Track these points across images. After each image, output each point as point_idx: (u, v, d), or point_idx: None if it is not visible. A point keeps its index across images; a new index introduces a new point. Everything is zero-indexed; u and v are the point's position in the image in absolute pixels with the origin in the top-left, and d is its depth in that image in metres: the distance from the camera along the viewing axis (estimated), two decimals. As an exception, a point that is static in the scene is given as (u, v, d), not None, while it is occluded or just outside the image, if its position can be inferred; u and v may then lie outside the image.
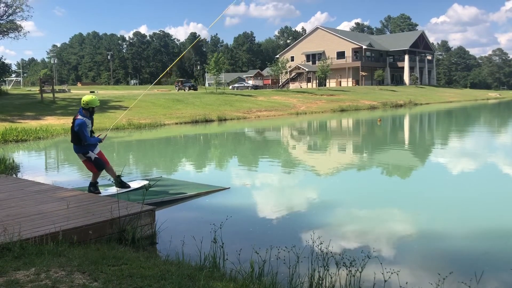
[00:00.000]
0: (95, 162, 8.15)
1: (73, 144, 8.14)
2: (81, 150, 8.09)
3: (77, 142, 8.04)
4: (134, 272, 4.18)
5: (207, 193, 8.98)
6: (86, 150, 8.08)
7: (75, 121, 7.90)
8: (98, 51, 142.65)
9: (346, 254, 4.80)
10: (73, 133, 7.97)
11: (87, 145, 8.06)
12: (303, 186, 10.24)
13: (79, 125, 7.82)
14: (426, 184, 10.35)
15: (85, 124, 7.89)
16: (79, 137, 7.91)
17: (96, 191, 8.22)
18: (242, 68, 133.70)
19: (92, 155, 8.13)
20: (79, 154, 8.20)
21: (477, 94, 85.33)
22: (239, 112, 36.49)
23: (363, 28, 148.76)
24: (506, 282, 4.78)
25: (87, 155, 8.10)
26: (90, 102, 8.03)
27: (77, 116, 7.96)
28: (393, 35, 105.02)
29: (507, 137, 21.22)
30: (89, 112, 8.09)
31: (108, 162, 8.49)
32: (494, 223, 6.94)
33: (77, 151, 8.19)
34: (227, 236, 5.62)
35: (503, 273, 4.97)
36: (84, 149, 8.06)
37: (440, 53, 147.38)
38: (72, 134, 8.02)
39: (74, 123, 7.90)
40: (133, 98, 37.86)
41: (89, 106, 8.05)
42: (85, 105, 8.02)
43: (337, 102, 48.00)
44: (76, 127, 7.86)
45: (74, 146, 8.15)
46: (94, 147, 8.20)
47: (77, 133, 7.88)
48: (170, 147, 19.58)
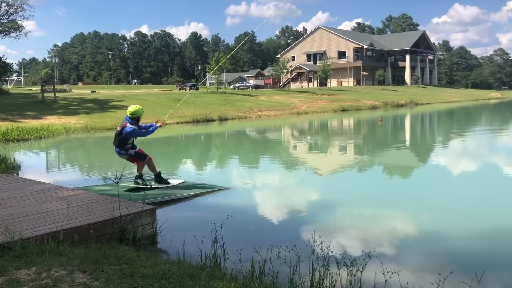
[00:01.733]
0: (136, 155, 9.10)
1: (115, 147, 9.04)
2: (123, 151, 9.02)
3: (121, 146, 8.95)
4: (135, 271, 4.19)
5: (208, 192, 8.98)
6: (127, 151, 9.05)
7: (124, 129, 8.75)
8: (99, 50, 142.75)
9: (347, 253, 4.80)
10: (120, 138, 8.86)
11: (130, 147, 9.02)
12: (304, 185, 10.24)
13: (129, 133, 8.77)
14: (427, 184, 10.34)
15: (135, 131, 8.82)
16: (125, 141, 8.88)
17: (143, 183, 9.03)
18: (243, 68, 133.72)
19: (132, 152, 9.08)
20: (122, 155, 9.10)
21: (479, 94, 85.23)
22: (240, 111, 36.50)
23: (364, 28, 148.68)
24: (507, 282, 4.78)
25: (128, 152, 9.06)
26: (135, 112, 8.87)
27: (126, 125, 8.78)
28: (394, 35, 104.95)
29: (508, 137, 21.20)
30: (135, 120, 8.93)
31: (150, 157, 9.34)
32: (495, 223, 6.93)
33: (119, 153, 9.08)
34: (228, 235, 5.63)
35: (504, 273, 4.97)
36: (126, 150, 9.02)
37: (441, 53, 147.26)
38: (118, 139, 8.90)
39: (123, 130, 8.76)
40: (134, 97, 37.89)
41: (134, 116, 8.88)
42: (131, 115, 8.86)
43: (338, 102, 47.99)
44: (127, 134, 8.77)
45: (116, 149, 9.03)
46: (134, 149, 9.13)
47: (125, 138, 8.82)
48: (171, 146, 19.59)
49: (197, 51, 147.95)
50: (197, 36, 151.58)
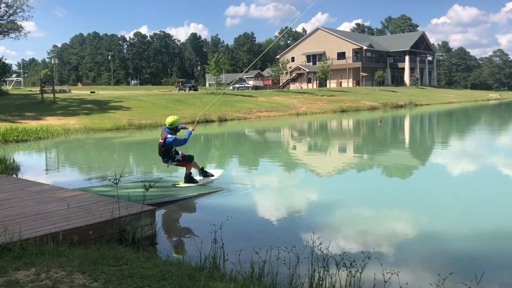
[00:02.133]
0: (184, 159, 9.76)
1: (162, 158, 9.63)
2: (170, 159, 9.63)
3: (166, 155, 9.57)
4: (134, 272, 4.18)
5: (207, 193, 8.98)
6: (174, 158, 9.63)
7: (167, 140, 9.32)
8: (99, 51, 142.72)
9: (346, 254, 4.81)
10: (164, 149, 9.45)
11: (174, 154, 9.60)
12: (303, 186, 10.24)
13: (171, 142, 9.35)
14: (426, 184, 10.34)
15: (176, 140, 9.35)
16: (168, 151, 9.48)
17: (194, 181, 9.70)
18: (242, 69, 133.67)
19: (179, 157, 9.69)
20: (170, 163, 9.71)
21: (478, 95, 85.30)
22: (239, 112, 36.50)
23: (363, 29, 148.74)
24: (507, 283, 4.78)
25: (176, 159, 9.66)
26: (173, 123, 9.49)
27: (167, 136, 9.35)
28: (394, 36, 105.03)
29: (508, 138, 21.21)
30: (174, 130, 9.50)
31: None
32: (494, 224, 6.94)
33: (167, 162, 9.70)
34: (227, 236, 5.63)
35: (503, 274, 4.97)
36: (173, 158, 9.62)
37: (440, 54, 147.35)
38: (162, 150, 9.49)
39: (165, 141, 9.31)
40: (134, 98, 37.88)
41: (173, 126, 9.47)
42: (169, 126, 9.44)
43: (338, 102, 48.01)
44: (170, 143, 9.35)
45: (163, 159, 9.63)
46: (178, 154, 9.71)
47: (169, 148, 9.43)
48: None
49: (197, 52, 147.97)
50: (196, 37, 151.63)
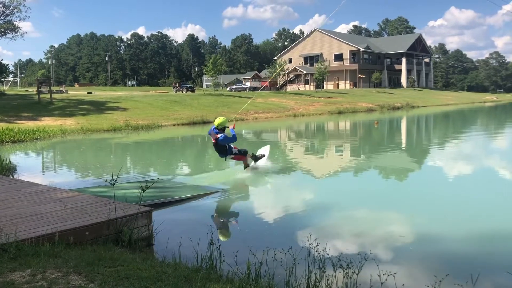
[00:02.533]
0: (240, 153, 10.99)
1: (219, 154, 10.82)
2: (227, 154, 10.79)
3: (223, 151, 10.76)
4: (130, 273, 4.18)
5: (204, 195, 8.97)
6: (231, 153, 10.81)
7: (218, 139, 10.41)
8: (96, 52, 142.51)
9: (342, 256, 4.80)
10: (219, 146, 10.59)
11: (229, 149, 10.69)
12: (300, 187, 10.24)
13: (223, 140, 10.48)
14: (423, 186, 10.37)
15: (226, 138, 10.44)
16: (223, 147, 10.60)
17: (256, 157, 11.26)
18: (239, 70, 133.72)
19: (235, 151, 10.89)
20: (228, 158, 10.95)
21: (474, 97, 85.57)
22: (236, 113, 36.48)
23: (360, 31, 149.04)
24: (502, 284, 4.79)
25: (233, 153, 10.88)
26: (221, 123, 10.59)
27: (217, 135, 10.45)
28: (391, 38, 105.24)
29: (504, 140, 21.29)
30: (222, 130, 10.57)
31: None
32: (490, 226, 6.96)
33: (224, 156, 10.88)
34: (223, 237, 5.62)
35: (498, 275, 4.98)
36: (230, 152, 10.79)
37: (437, 56, 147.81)
38: (218, 148, 10.67)
39: (218, 140, 10.40)
40: (131, 99, 37.83)
41: (221, 126, 10.54)
42: (218, 126, 10.55)
43: (335, 104, 48.07)
44: (222, 142, 10.46)
45: (220, 155, 10.83)
46: (233, 149, 10.86)
47: (221, 145, 10.55)
48: (168, 148, 19.56)
49: (194, 53, 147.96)
50: (194, 38, 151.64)
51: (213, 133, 10.50)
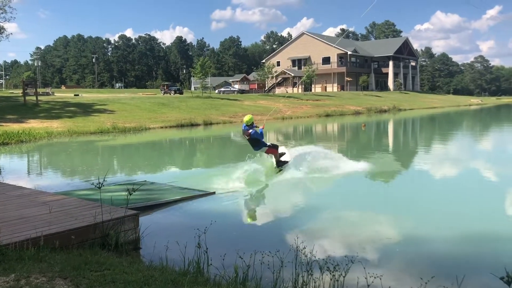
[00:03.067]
0: (272, 146, 12.07)
1: (253, 147, 11.92)
2: (261, 147, 11.88)
3: (257, 145, 11.86)
4: (117, 277, 4.14)
5: (191, 197, 8.94)
6: (265, 145, 11.92)
7: (251, 134, 11.61)
8: (83, 54, 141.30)
9: (330, 258, 4.83)
10: (252, 141, 11.77)
11: (262, 143, 11.82)
12: (287, 190, 10.25)
13: (254, 135, 11.62)
14: (409, 189, 10.46)
15: (256, 133, 11.61)
16: (257, 140, 11.72)
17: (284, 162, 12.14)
18: (228, 73, 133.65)
19: (269, 144, 12.06)
20: (262, 150, 11.98)
21: (460, 100, 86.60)
22: (225, 116, 36.46)
23: (348, 34, 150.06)
24: (486, 286, 4.85)
25: (268, 145, 11.97)
26: (249, 120, 11.88)
27: (249, 131, 11.65)
28: (378, 41, 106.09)
29: (489, 143, 21.57)
30: (250, 126, 11.77)
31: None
32: (475, 228, 7.04)
33: (258, 149, 11.96)
34: (211, 241, 5.60)
35: (483, 277, 5.04)
36: (264, 145, 11.90)
37: (423, 60, 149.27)
38: (252, 142, 11.84)
39: (250, 135, 11.62)
40: (118, 101, 37.57)
41: (249, 123, 11.82)
42: (247, 123, 11.85)
43: (323, 107, 48.28)
44: (254, 135, 11.61)
45: (254, 148, 11.92)
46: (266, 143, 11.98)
47: (255, 139, 11.68)
48: (155, 151, 19.47)
49: (182, 55, 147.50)
50: (182, 40, 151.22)
51: (245, 130, 11.84)
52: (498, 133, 27.70)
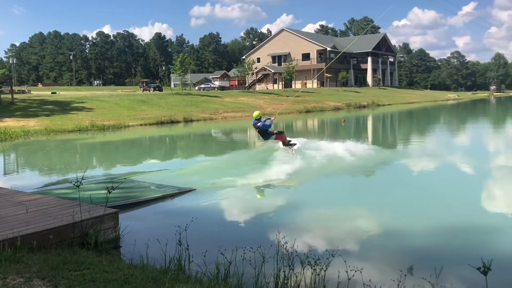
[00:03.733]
0: (278, 133, 14.18)
1: (263, 138, 14.03)
2: (270, 136, 13.93)
3: (265, 136, 13.88)
4: (96, 276, 4.10)
5: (172, 195, 8.89)
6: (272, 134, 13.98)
7: (260, 127, 13.60)
8: (60, 51, 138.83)
9: (311, 253, 4.85)
10: (261, 133, 13.88)
11: (270, 133, 13.84)
12: (268, 186, 10.27)
13: (263, 127, 13.62)
14: (388, 183, 10.59)
15: (265, 125, 13.56)
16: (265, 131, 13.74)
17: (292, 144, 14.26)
18: (208, 69, 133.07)
19: (276, 131, 14.19)
20: (271, 139, 14.12)
21: (437, 95, 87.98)
22: (205, 113, 36.32)
23: (327, 30, 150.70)
24: (463, 276, 4.95)
25: (274, 133, 14.02)
26: (257, 115, 13.85)
27: (257, 124, 13.65)
28: (357, 38, 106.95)
29: (466, 137, 21.98)
30: (259, 120, 13.65)
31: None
32: (452, 220, 7.18)
33: (267, 139, 14.10)
34: (192, 238, 5.57)
35: (461, 268, 5.14)
36: (272, 134, 13.96)
37: (401, 55, 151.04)
38: (261, 134, 13.97)
39: (259, 128, 13.61)
40: (96, 99, 37.06)
41: (258, 117, 13.76)
42: (256, 118, 13.78)
43: (303, 103, 48.47)
44: (263, 128, 13.63)
45: (263, 138, 14.02)
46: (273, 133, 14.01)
47: (263, 131, 13.72)
48: (135, 148, 19.28)
49: (161, 52, 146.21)
50: (161, 37, 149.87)
51: (254, 124, 13.79)
52: (475, 127, 28.25)
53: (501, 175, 11.32)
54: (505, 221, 7.16)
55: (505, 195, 9.07)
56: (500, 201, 8.58)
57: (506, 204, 8.32)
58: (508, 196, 9.06)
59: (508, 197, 8.98)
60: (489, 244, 6.08)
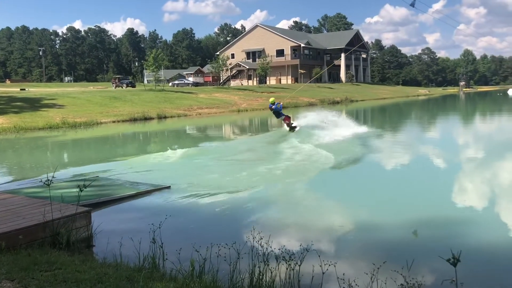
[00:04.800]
0: (287, 116, 19.18)
1: (276, 117, 19.42)
2: (281, 116, 19.04)
3: (278, 116, 19.14)
4: (68, 276, 4.03)
5: (146, 192, 8.80)
6: (283, 115, 19.08)
7: (274, 108, 18.98)
8: (29, 46, 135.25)
9: (285, 248, 4.88)
10: (274, 113, 19.28)
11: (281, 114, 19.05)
12: (242, 182, 10.25)
13: (276, 109, 18.95)
14: (360, 178, 10.73)
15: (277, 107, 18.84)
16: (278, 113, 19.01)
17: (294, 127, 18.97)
18: (182, 65, 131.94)
19: (284, 115, 19.21)
20: (281, 118, 19.22)
21: (408, 91, 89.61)
22: (179, 109, 36.02)
23: (301, 27, 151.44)
24: (434, 268, 5.07)
25: (283, 116, 19.04)
26: (273, 101, 19.26)
27: (272, 107, 19.09)
28: (330, 34, 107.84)
29: (436, 131, 22.46)
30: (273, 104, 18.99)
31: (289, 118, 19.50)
32: (423, 214, 7.33)
33: (279, 118, 19.24)
34: (167, 235, 5.54)
35: (431, 260, 5.26)
36: (282, 115, 19.05)
37: (374, 52, 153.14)
38: (274, 114, 19.32)
39: (274, 110, 19.03)
40: (68, 95, 36.30)
41: (273, 102, 19.11)
42: (271, 102, 19.18)
43: (277, 99, 48.61)
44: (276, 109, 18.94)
45: (277, 117, 19.30)
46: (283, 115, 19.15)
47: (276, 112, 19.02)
48: (108, 146, 18.99)
49: (134, 48, 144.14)
50: (133, 32, 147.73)
51: (269, 107, 19.32)
52: (445, 122, 28.90)
53: (470, 168, 11.62)
54: (473, 213, 7.36)
55: (474, 188, 9.32)
56: (470, 194, 8.81)
57: (475, 197, 8.55)
58: (477, 188, 9.32)
59: (477, 189, 9.23)
60: (459, 236, 6.25)
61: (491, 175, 10.73)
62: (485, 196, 8.57)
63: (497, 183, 9.91)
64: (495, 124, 26.09)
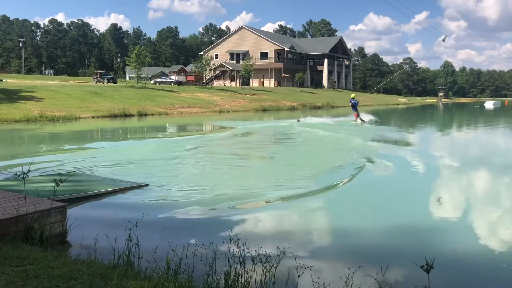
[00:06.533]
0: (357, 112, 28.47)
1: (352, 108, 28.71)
2: (354, 110, 28.32)
3: (354, 109, 28.39)
4: (40, 272, 3.95)
5: (123, 189, 8.70)
6: (356, 110, 28.33)
7: (353, 103, 28.34)
8: (8, 37, 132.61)
9: (262, 250, 4.88)
10: (352, 107, 28.55)
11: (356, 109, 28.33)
12: (221, 182, 10.23)
13: (354, 104, 28.21)
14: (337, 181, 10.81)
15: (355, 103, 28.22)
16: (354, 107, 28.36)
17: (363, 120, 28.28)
18: (165, 63, 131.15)
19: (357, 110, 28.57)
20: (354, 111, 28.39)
21: (389, 99, 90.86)
22: (160, 107, 35.78)
23: (286, 31, 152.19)
24: (408, 274, 5.14)
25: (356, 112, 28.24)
26: (354, 97, 28.51)
27: (351, 101, 28.40)
28: (314, 39, 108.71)
29: (414, 139, 22.78)
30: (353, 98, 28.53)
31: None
32: (398, 221, 7.43)
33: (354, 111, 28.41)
34: (143, 233, 5.49)
35: (405, 266, 5.34)
36: (356, 110, 28.29)
37: (356, 59, 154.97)
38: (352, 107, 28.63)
39: (352, 104, 28.38)
40: (47, 88, 35.69)
41: (353, 97, 28.42)
42: (353, 98, 28.42)
43: (260, 101, 48.73)
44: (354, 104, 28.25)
45: (353, 110, 28.54)
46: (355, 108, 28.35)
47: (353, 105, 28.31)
48: (86, 141, 18.72)
49: (117, 43, 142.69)
50: (117, 28, 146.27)
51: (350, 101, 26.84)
52: (423, 130, 29.36)
53: (446, 177, 11.83)
54: (448, 221, 7.49)
55: (450, 196, 9.48)
56: (445, 202, 8.96)
57: (451, 206, 8.70)
58: (453, 197, 9.49)
59: (453, 197, 9.40)
60: (433, 243, 6.35)
61: (467, 184, 10.95)
62: (460, 205, 8.73)
63: (472, 192, 10.10)
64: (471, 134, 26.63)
